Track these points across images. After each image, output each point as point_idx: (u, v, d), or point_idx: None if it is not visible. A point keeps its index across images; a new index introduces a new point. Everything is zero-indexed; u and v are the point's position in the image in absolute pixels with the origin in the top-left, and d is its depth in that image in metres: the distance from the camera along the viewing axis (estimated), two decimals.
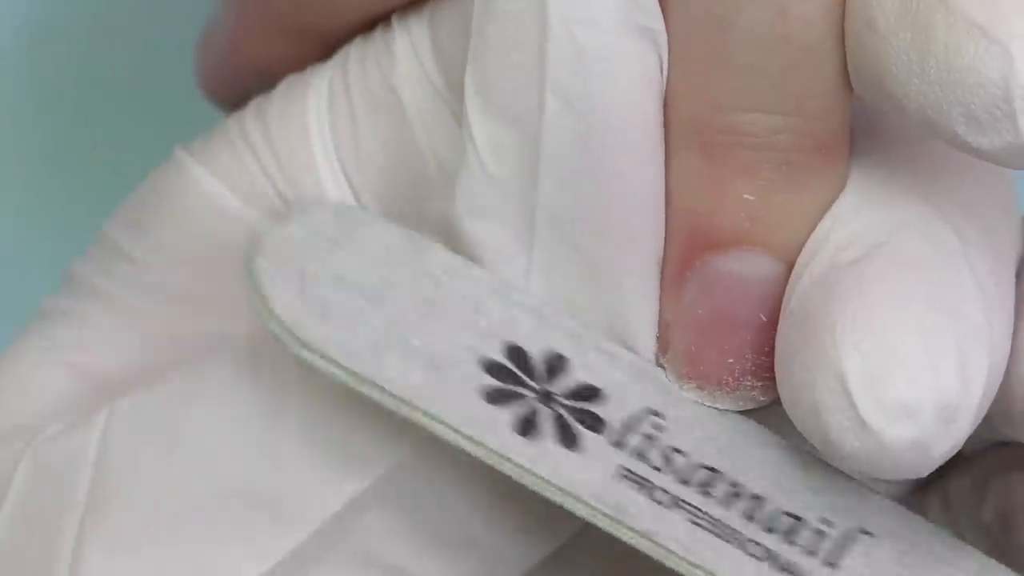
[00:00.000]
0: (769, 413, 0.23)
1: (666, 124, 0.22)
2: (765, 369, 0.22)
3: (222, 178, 0.26)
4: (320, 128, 0.25)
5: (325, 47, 0.26)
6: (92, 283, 0.26)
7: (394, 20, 0.25)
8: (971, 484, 0.27)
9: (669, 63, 0.21)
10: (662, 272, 0.22)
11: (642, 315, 0.22)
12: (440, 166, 0.25)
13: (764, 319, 0.22)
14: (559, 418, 0.22)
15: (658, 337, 0.22)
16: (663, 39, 0.21)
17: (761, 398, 0.22)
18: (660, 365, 0.22)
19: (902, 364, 0.20)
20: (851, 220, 0.22)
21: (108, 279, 0.26)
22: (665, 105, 0.22)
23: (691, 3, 0.21)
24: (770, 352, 0.22)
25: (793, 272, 0.22)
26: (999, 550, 0.27)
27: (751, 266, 0.22)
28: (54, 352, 0.26)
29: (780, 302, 0.22)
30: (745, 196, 0.22)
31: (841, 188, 0.22)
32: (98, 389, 0.25)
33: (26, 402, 0.25)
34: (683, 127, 0.22)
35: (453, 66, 0.24)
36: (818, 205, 0.22)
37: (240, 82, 0.27)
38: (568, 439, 0.22)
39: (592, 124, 0.21)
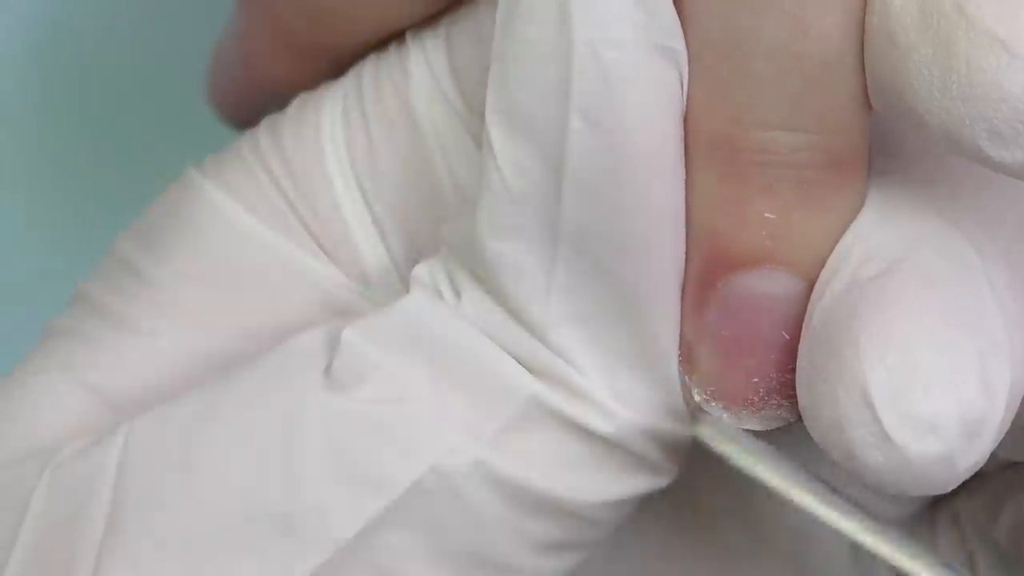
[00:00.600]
0: (785, 432, 0.22)
1: (686, 143, 0.21)
2: (790, 387, 0.22)
3: (236, 197, 0.25)
4: (335, 145, 0.25)
5: (339, 65, 0.26)
6: (105, 302, 0.25)
7: (408, 38, 0.25)
8: (983, 502, 0.26)
9: (689, 81, 0.21)
10: (683, 292, 0.22)
11: (667, 334, 0.22)
12: (454, 182, 0.24)
13: (787, 337, 0.22)
14: None
15: (680, 357, 0.22)
16: (683, 58, 0.21)
17: (787, 416, 0.22)
18: (684, 388, 0.22)
19: (925, 379, 0.20)
20: (871, 237, 0.21)
21: (121, 298, 0.25)
22: (685, 124, 0.21)
23: (710, 20, 0.21)
24: (794, 370, 0.22)
25: (815, 289, 0.22)
26: (1009, 567, 0.27)
27: (773, 285, 0.22)
28: (68, 372, 0.25)
29: (802, 320, 0.22)
30: (766, 215, 0.21)
31: (860, 205, 0.22)
32: (113, 410, 0.25)
33: (41, 423, 0.25)
34: (703, 145, 0.21)
35: (469, 83, 0.24)
36: (838, 223, 0.22)
37: (252, 100, 0.27)
38: None
39: (616, 143, 0.21)
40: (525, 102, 0.21)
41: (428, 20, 0.25)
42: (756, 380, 0.22)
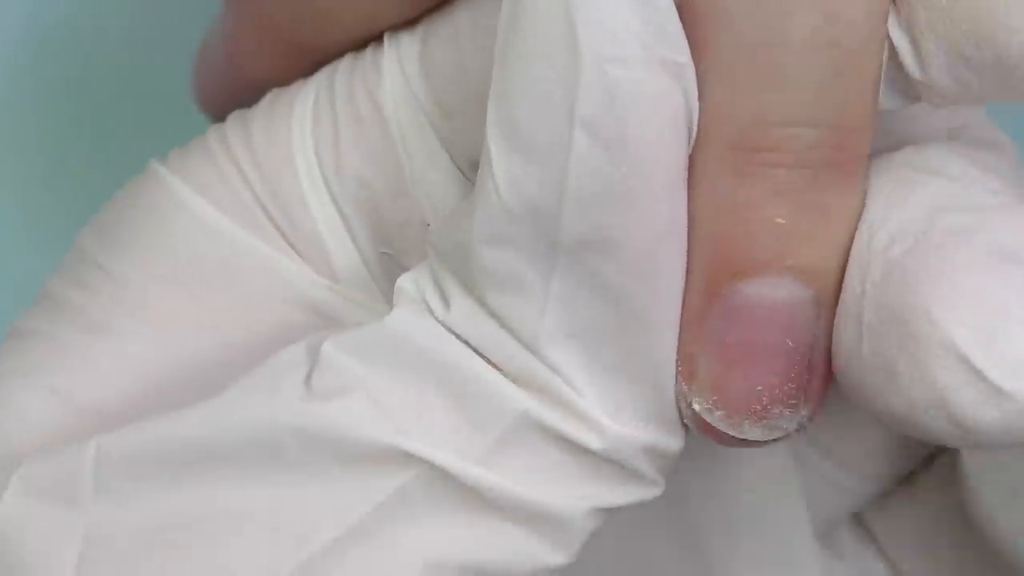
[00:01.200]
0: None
1: (698, 149, 0.21)
2: (791, 396, 0.21)
3: (202, 191, 0.25)
4: (303, 141, 0.24)
5: (321, 64, 0.25)
6: (71, 301, 0.25)
7: (386, 37, 0.25)
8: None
9: (709, 85, 0.21)
10: (684, 302, 0.21)
11: (665, 346, 0.21)
12: (419, 183, 0.24)
13: (791, 345, 0.21)
14: None
15: (679, 369, 0.21)
16: (689, 71, 0.20)
17: (786, 427, 0.21)
18: (682, 397, 0.22)
19: (1012, 319, 0.20)
20: (885, 223, 0.21)
21: (87, 296, 0.25)
22: (700, 130, 0.21)
23: (738, 18, 0.20)
24: (796, 379, 0.21)
25: (848, 290, 0.21)
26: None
27: (780, 291, 0.21)
28: (36, 376, 0.24)
29: (808, 327, 0.21)
30: (777, 219, 0.21)
31: (862, 204, 0.21)
32: (83, 415, 0.24)
33: (9, 430, 0.24)
34: (719, 149, 0.21)
35: (440, 84, 0.24)
36: (845, 226, 0.21)
37: (237, 98, 0.26)
38: None
39: (621, 160, 0.20)
40: (526, 116, 0.20)
41: (411, 21, 0.24)
42: (760, 388, 0.21)
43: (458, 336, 0.22)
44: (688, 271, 0.21)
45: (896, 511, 0.28)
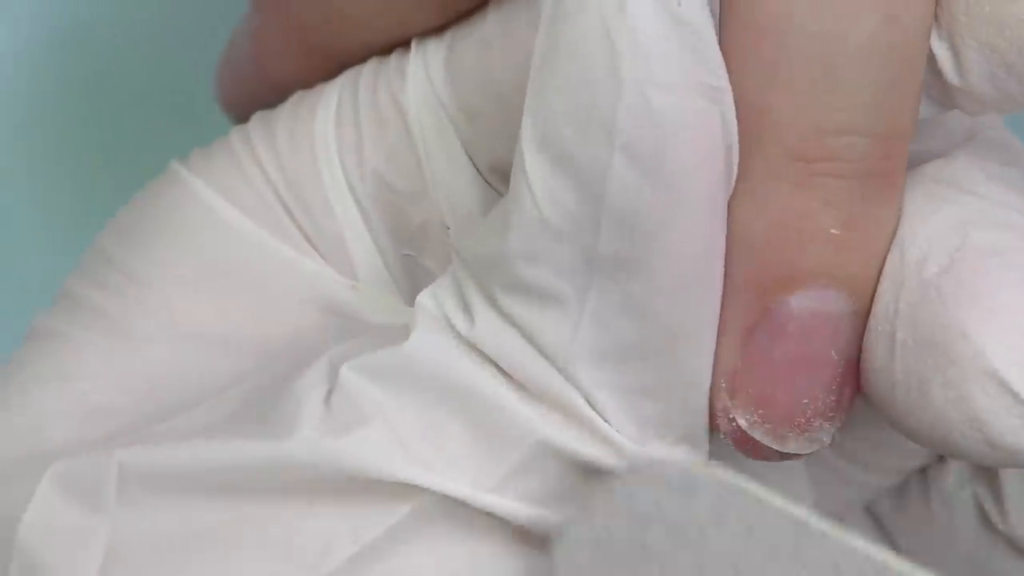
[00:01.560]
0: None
1: (749, 159, 0.21)
2: (831, 409, 0.21)
3: (224, 193, 0.24)
4: (326, 143, 0.24)
5: (346, 67, 0.25)
6: (92, 302, 0.24)
7: (413, 42, 0.24)
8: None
9: (764, 93, 0.20)
10: (725, 319, 0.21)
11: (699, 367, 0.21)
12: (436, 183, 0.24)
13: (835, 357, 0.21)
14: None
15: (723, 384, 0.21)
16: (727, 97, 0.20)
17: (824, 440, 0.21)
18: (723, 413, 0.21)
19: None
20: (916, 239, 0.21)
21: (108, 298, 0.24)
22: (751, 141, 0.21)
23: (799, 24, 0.20)
24: (839, 390, 0.21)
25: (881, 307, 0.21)
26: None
27: (827, 303, 0.21)
28: (59, 380, 0.24)
29: (850, 338, 0.21)
30: (831, 231, 0.20)
31: (899, 215, 0.21)
32: (107, 419, 0.24)
33: (35, 435, 0.24)
34: (777, 159, 0.20)
35: (466, 86, 0.24)
36: (887, 236, 0.21)
37: (261, 99, 0.26)
38: None
39: (660, 182, 0.20)
40: (565, 135, 0.20)
41: (438, 28, 0.24)
42: (806, 401, 0.21)
43: (481, 351, 0.21)
44: (731, 285, 0.21)
45: (909, 504, 0.27)
